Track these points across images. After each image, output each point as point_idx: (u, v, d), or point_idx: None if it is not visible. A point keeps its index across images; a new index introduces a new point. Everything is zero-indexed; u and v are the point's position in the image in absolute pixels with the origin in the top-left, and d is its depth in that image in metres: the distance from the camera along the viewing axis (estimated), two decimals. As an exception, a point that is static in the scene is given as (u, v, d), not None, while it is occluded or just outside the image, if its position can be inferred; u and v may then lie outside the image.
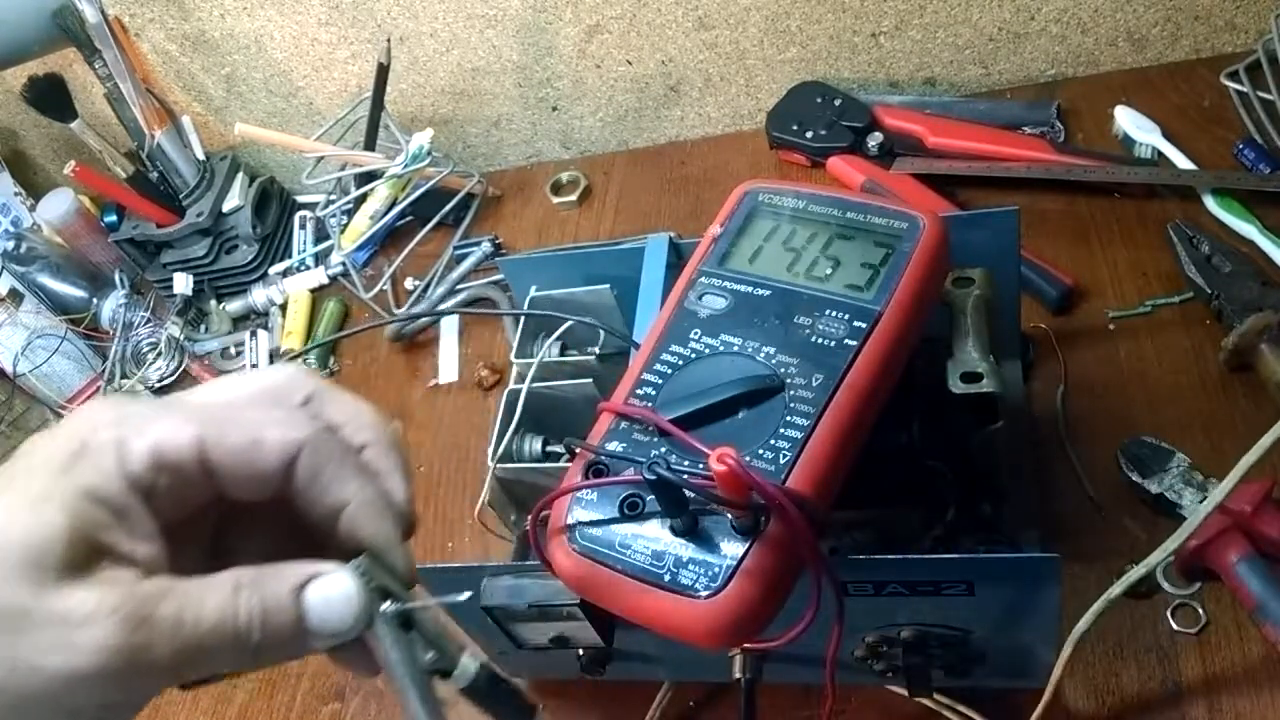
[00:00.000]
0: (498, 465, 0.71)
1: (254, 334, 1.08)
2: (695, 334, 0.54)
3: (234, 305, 1.13)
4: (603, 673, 0.65)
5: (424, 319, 1.02)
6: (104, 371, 1.10)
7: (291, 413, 0.34)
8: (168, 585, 0.30)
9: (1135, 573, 0.57)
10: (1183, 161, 0.86)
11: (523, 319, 0.77)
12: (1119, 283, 0.81)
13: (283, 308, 1.11)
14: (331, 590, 0.32)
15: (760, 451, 0.48)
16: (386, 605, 0.33)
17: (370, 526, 0.34)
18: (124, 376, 1.09)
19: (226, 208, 1.12)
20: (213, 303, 1.14)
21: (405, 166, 1.03)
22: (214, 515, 0.35)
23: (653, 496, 0.46)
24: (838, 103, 0.98)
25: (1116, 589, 0.56)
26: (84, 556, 0.29)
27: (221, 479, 0.32)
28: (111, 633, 0.29)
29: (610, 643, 0.61)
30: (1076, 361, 0.77)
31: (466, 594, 0.36)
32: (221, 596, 0.31)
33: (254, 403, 0.35)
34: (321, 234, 1.16)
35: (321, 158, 1.08)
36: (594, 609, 0.57)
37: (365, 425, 0.36)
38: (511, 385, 0.73)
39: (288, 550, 0.34)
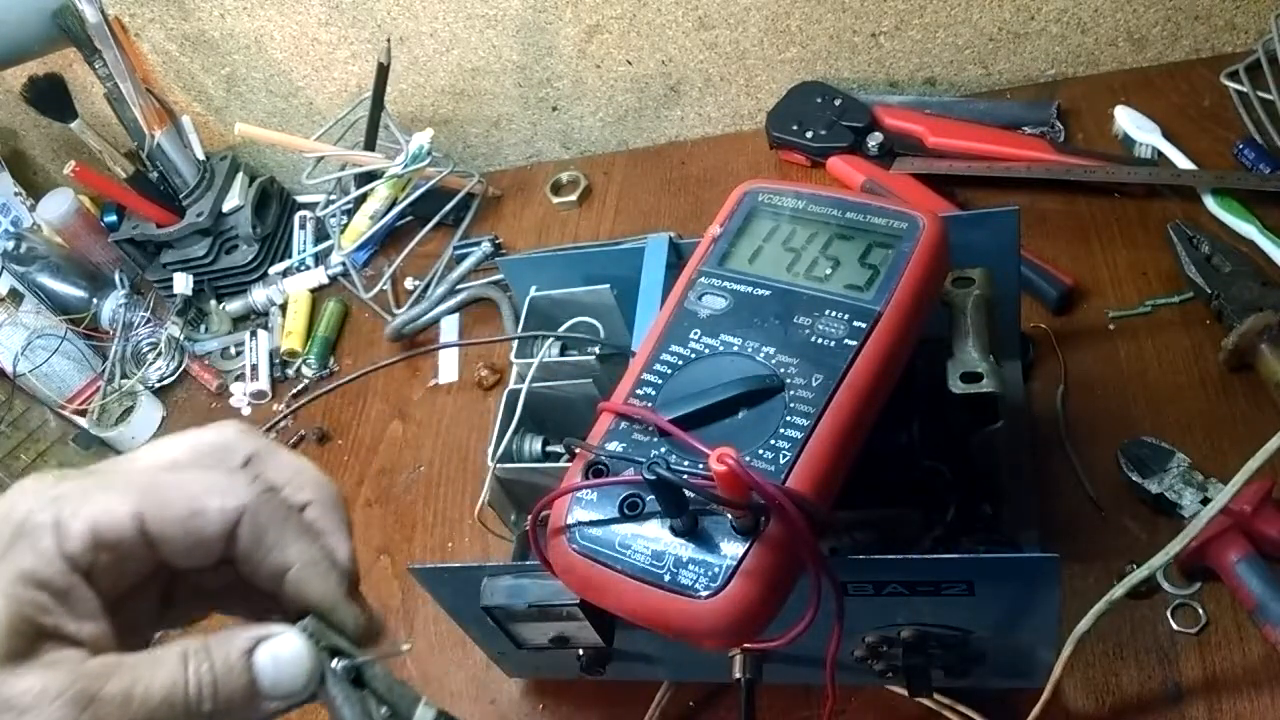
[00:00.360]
0: (498, 465, 0.72)
1: (254, 334, 1.08)
2: (695, 334, 0.54)
3: (234, 305, 1.13)
4: (603, 673, 0.65)
5: (425, 318, 1.02)
6: (104, 371, 1.10)
7: (232, 476, 0.34)
8: (115, 662, 0.30)
9: (1136, 575, 0.57)
10: (1183, 161, 0.86)
11: (523, 320, 0.77)
12: (1119, 283, 0.81)
13: (283, 308, 1.11)
14: (281, 651, 0.32)
15: (760, 451, 0.48)
16: (337, 663, 0.33)
17: (315, 588, 0.34)
18: (124, 376, 1.09)
19: (226, 208, 1.12)
20: (213, 303, 1.14)
21: (405, 166, 1.03)
22: (163, 575, 0.35)
23: (653, 496, 0.46)
24: (838, 103, 0.98)
25: (1118, 591, 0.56)
26: (27, 641, 0.29)
27: (163, 549, 0.32)
28: (60, 716, 0.28)
29: (610, 643, 0.61)
30: (1076, 361, 0.77)
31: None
32: (170, 668, 0.30)
33: (194, 466, 0.35)
34: (321, 234, 1.16)
35: (321, 158, 1.08)
36: (594, 609, 0.57)
37: (306, 484, 0.36)
38: (511, 385, 0.73)
39: (238, 601, 0.34)
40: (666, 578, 0.46)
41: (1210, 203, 0.82)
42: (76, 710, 0.29)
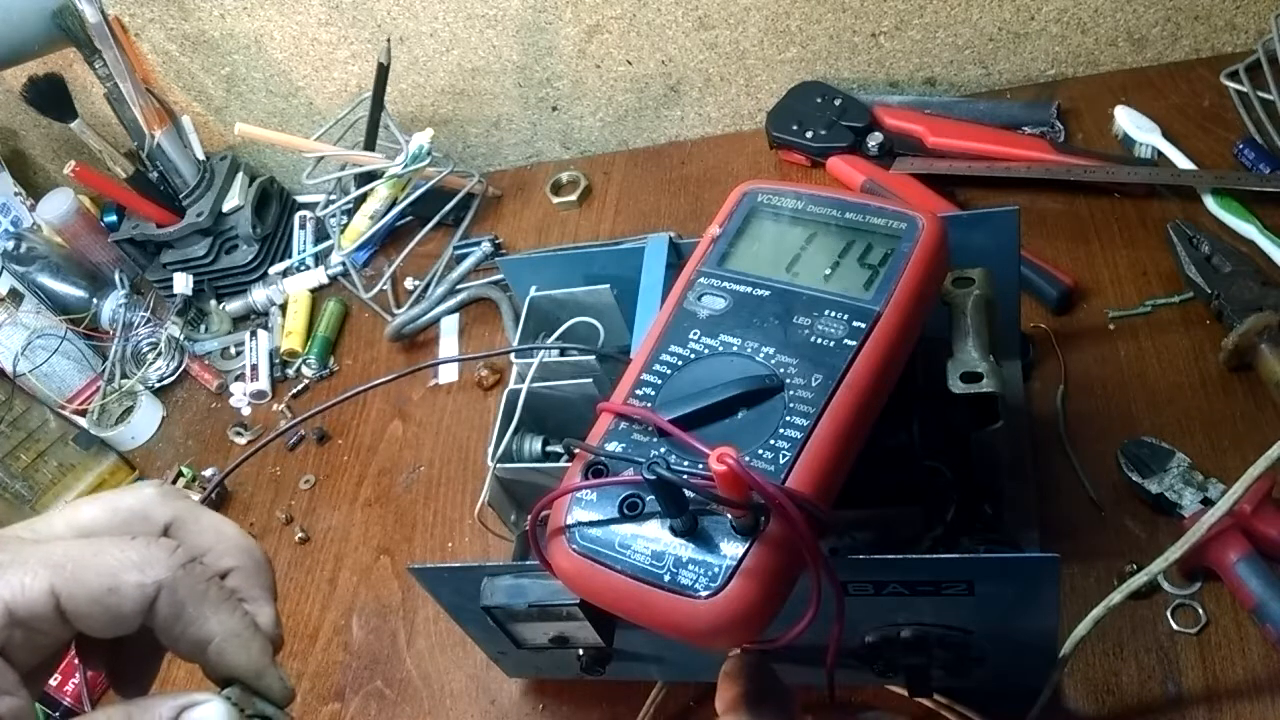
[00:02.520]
0: (498, 465, 0.72)
1: (254, 334, 1.08)
2: (695, 334, 0.54)
3: (234, 305, 1.13)
4: (603, 672, 0.65)
5: (424, 318, 1.02)
6: (104, 371, 1.10)
7: (149, 549, 0.33)
8: None
9: (1135, 580, 0.57)
10: (1183, 161, 0.86)
11: (523, 320, 0.77)
12: (1119, 283, 0.81)
13: (283, 308, 1.11)
14: None
15: (760, 451, 0.48)
16: None
17: (238, 658, 0.34)
18: (124, 376, 1.09)
19: (226, 208, 1.12)
20: (213, 303, 1.14)
21: (405, 166, 1.03)
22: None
23: (652, 497, 0.46)
24: (838, 103, 0.98)
25: (1116, 597, 0.56)
26: None
27: (79, 624, 0.32)
28: None
29: (610, 643, 0.61)
30: (1076, 361, 0.77)
31: None
32: None
33: (112, 533, 0.34)
34: (321, 234, 1.16)
35: (321, 158, 1.08)
36: (594, 609, 0.57)
37: (229, 550, 0.36)
38: (511, 385, 0.73)
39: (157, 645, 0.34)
40: (666, 578, 0.46)
41: (1210, 203, 0.82)
42: None
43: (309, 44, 1.10)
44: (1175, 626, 0.63)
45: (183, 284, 1.12)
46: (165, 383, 1.10)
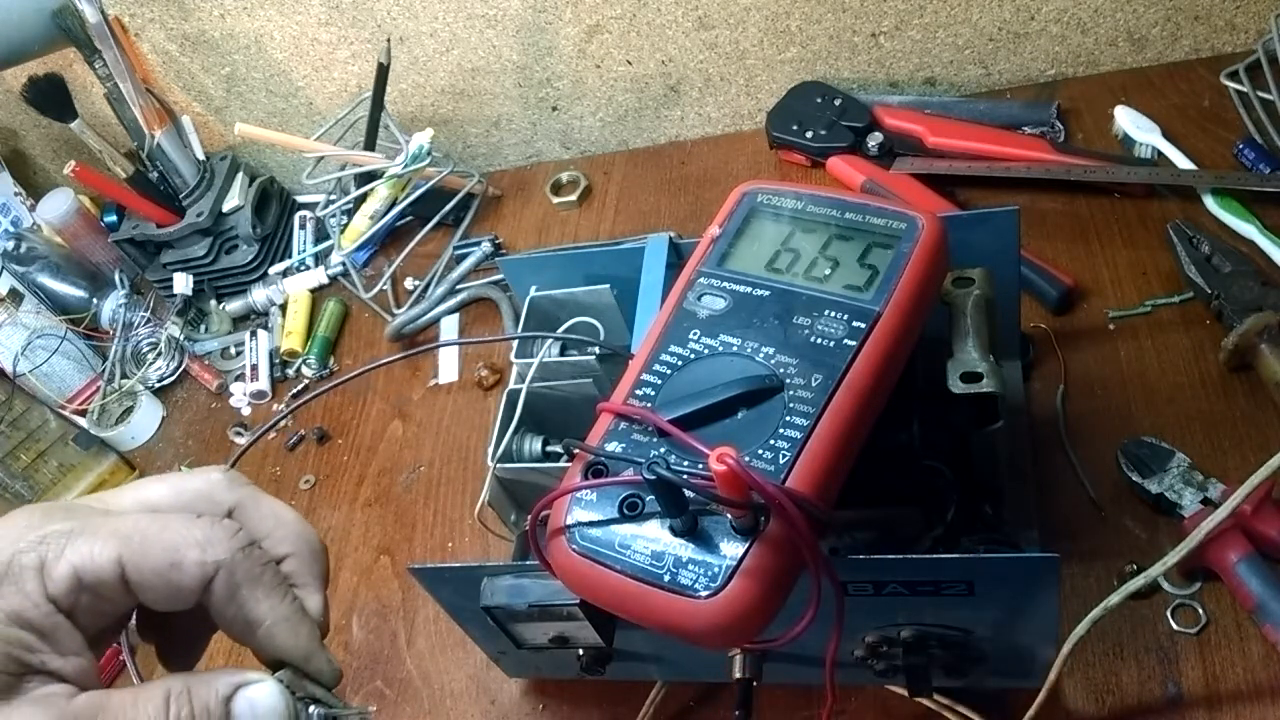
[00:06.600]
0: (498, 465, 0.72)
1: (254, 334, 1.08)
2: (694, 334, 0.54)
3: (234, 305, 1.13)
4: (603, 672, 0.65)
5: (425, 318, 1.02)
6: (104, 371, 1.10)
7: (213, 529, 0.34)
8: (99, 702, 0.31)
9: (1134, 583, 0.57)
10: (1183, 161, 0.86)
11: (523, 320, 0.77)
12: (1119, 283, 0.81)
13: (283, 308, 1.11)
14: (258, 699, 0.33)
15: (760, 451, 0.48)
16: (313, 710, 0.35)
17: (287, 641, 0.35)
18: (124, 376, 1.09)
19: (226, 208, 1.12)
20: (213, 303, 1.14)
21: (405, 166, 1.03)
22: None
23: (652, 497, 0.46)
24: (838, 103, 0.98)
25: (1114, 599, 0.56)
26: (14, 678, 0.30)
27: (141, 595, 0.33)
28: None
29: (610, 643, 0.61)
30: (1076, 361, 0.77)
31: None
32: (153, 711, 0.32)
33: (178, 512, 0.35)
34: (321, 234, 1.16)
35: (321, 158, 1.08)
36: (594, 609, 0.57)
37: (287, 537, 0.37)
38: (511, 385, 0.73)
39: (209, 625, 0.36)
40: (666, 578, 0.46)
41: (1210, 203, 0.82)
42: None
43: (309, 44, 1.10)
44: (1175, 626, 0.63)
45: (183, 284, 1.12)
46: (165, 383, 1.10)
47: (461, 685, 0.76)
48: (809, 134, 0.98)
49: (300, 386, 1.04)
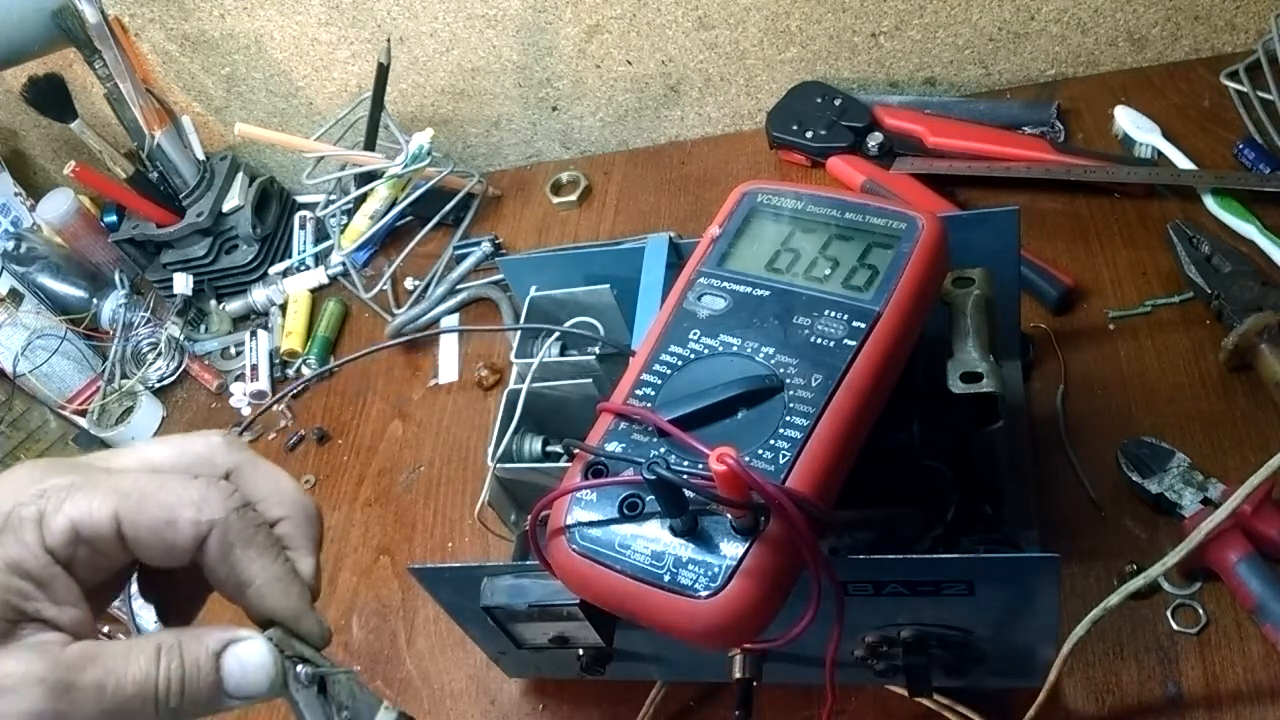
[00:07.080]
0: (498, 465, 0.72)
1: (254, 334, 1.08)
2: (694, 334, 0.54)
3: (234, 305, 1.13)
4: (603, 672, 0.65)
5: (424, 318, 1.02)
6: (104, 371, 1.10)
7: (209, 489, 0.35)
8: (93, 653, 0.32)
9: (1134, 583, 0.57)
10: (1183, 161, 0.86)
11: (523, 320, 0.77)
12: (1119, 283, 0.81)
13: (283, 308, 1.11)
14: (247, 656, 0.34)
15: (760, 451, 0.48)
16: (301, 669, 0.35)
17: (277, 601, 0.36)
18: (124, 376, 1.09)
19: (226, 208, 1.12)
20: (213, 303, 1.14)
21: (405, 166, 1.03)
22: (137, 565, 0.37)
23: (652, 497, 0.46)
24: (838, 103, 0.98)
25: (1113, 599, 0.56)
26: (11, 625, 0.31)
27: (137, 551, 0.34)
28: (37, 700, 0.30)
29: (610, 643, 0.61)
30: (1076, 361, 0.77)
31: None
32: (143, 663, 0.32)
33: (176, 473, 0.36)
34: (321, 234, 1.16)
35: (321, 158, 1.08)
36: (594, 609, 0.57)
37: (282, 501, 0.38)
38: (511, 385, 0.73)
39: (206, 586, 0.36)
40: (666, 578, 0.46)
41: (1210, 203, 0.82)
42: (54, 697, 0.31)
43: (309, 44, 1.10)
44: (1175, 626, 0.63)
45: (183, 284, 1.12)
46: (165, 383, 1.10)
47: (461, 685, 0.76)
48: (809, 134, 0.98)
49: (300, 387, 1.04)
